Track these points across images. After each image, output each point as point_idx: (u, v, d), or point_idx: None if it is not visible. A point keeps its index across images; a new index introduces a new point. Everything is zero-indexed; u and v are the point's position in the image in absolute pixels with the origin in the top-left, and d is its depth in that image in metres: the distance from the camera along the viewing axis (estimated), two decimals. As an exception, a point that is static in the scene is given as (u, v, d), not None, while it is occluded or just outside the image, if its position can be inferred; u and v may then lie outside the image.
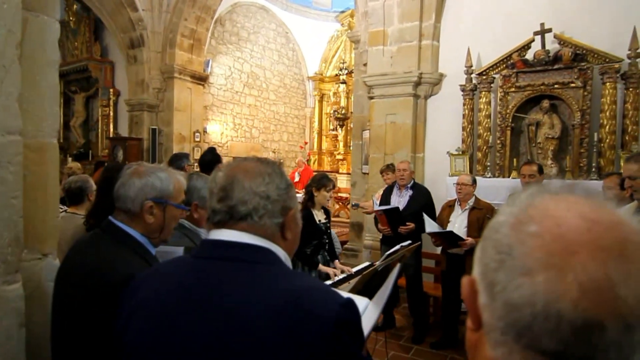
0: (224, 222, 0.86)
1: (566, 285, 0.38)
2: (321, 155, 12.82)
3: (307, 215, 3.37)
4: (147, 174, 1.33)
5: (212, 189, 0.88)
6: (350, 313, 0.77)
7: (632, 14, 4.14)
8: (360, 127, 6.18)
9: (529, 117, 4.58)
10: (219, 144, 10.03)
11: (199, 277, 0.83)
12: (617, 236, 0.40)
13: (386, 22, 5.30)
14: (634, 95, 4.05)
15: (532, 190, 0.46)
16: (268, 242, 0.85)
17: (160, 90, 8.39)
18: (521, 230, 0.42)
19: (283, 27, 12.06)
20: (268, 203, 0.85)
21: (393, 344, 3.75)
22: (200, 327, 0.77)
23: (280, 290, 0.77)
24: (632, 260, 0.39)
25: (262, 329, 0.73)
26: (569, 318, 0.37)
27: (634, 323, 0.38)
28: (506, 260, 0.42)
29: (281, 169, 0.92)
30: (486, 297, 0.44)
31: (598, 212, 0.41)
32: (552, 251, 0.39)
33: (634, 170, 2.29)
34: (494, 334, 0.43)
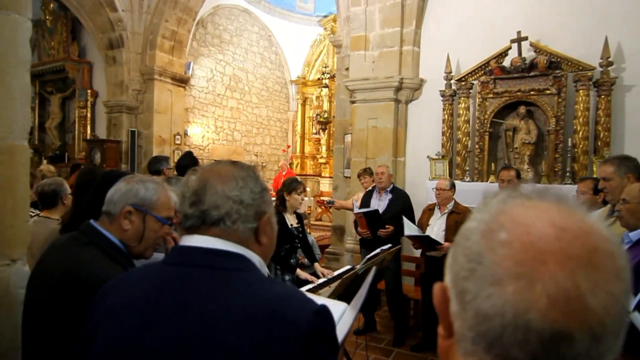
0: (195, 228, 0.84)
1: (535, 296, 0.37)
2: (304, 158, 12.82)
3: (278, 219, 3.37)
4: (136, 182, 1.32)
5: (184, 193, 0.86)
6: (324, 321, 0.76)
7: (604, 24, 4.29)
8: (342, 131, 6.21)
9: (506, 122, 4.68)
10: (200, 146, 9.92)
11: (168, 285, 0.81)
12: (587, 244, 0.39)
13: (368, 28, 5.35)
14: (606, 103, 4.18)
15: (502, 196, 0.45)
16: (241, 247, 0.84)
17: (140, 91, 8.26)
18: (491, 238, 0.41)
19: (266, 30, 12.04)
20: (242, 207, 0.84)
21: (374, 348, 3.76)
22: (169, 337, 0.75)
23: (252, 297, 0.76)
24: (601, 270, 0.38)
25: (233, 337, 0.72)
26: (538, 329, 0.37)
27: (602, 333, 0.37)
28: (477, 268, 0.41)
29: (256, 172, 0.91)
30: (457, 305, 0.43)
31: (568, 220, 0.41)
32: (522, 260, 0.39)
33: (609, 172, 2.37)
34: (465, 343, 0.42)
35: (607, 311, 0.37)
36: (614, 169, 2.35)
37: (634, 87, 4.29)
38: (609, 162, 2.44)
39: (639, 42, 4.22)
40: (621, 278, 0.39)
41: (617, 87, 4.23)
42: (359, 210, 4.04)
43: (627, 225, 1.99)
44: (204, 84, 10.19)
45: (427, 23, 5.26)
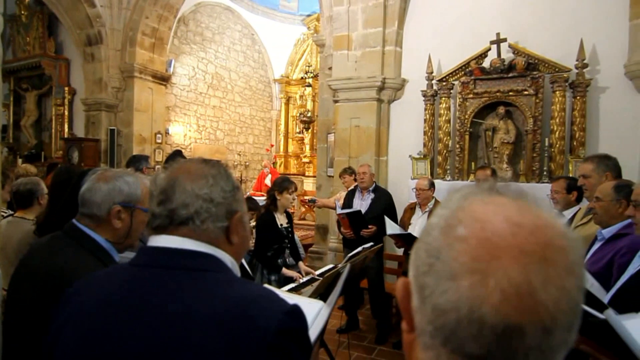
0: (163, 227, 0.82)
1: (489, 291, 0.38)
2: (287, 158, 12.78)
3: (269, 219, 3.36)
4: (114, 179, 1.30)
5: (152, 192, 0.84)
6: (295, 321, 0.75)
7: (580, 27, 4.40)
8: (325, 130, 6.22)
9: (485, 122, 4.76)
10: (182, 145, 9.78)
11: (135, 286, 0.79)
12: (541, 240, 0.40)
13: (351, 27, 5.37)
14: (581, 104, 4.30)
15: (463, 192, 0.46)
16: (211, 247, 0.82)
17: (119, 89, 8.09)
18: (449, 233, 0.42)
19: (249, 28, 11.95)
20: (212, 206, 0.82)
21: (356, 346, 3.78)
22: (134, 339, 0.74)
23: (221, 298, 0.75)
24: (553, 265, 0.39)
25: (201, 338, 0.71)
26: (491, 323, 0.38)
27: (552, 327, 0.38)
28: (435, 264, 0.42)
29: (227, 170, 0.89)
30: (417, 300, 0.44)
31: (524, 216, 0.41)
32: (477, 256, 0.39)
33: (588, 170, 2.43)
34: (424, 337, 0.43)
35: (558, 305, 0.38)
36: (594, 167, 2.41)
37: (608, 88, 4.43)
38: (589, 160, 2.51)
39: (613, 45, 4.35)
40: (573, 273, 0.40)
41: (592, 88, 4.36)
42: (341, 211, 4.05)
43: (600, 223, 2.06)
44: (185, 82, 10.06)
45: (409, 24, 5.32)
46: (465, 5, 5.02)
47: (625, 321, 0.89)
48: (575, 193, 2.92)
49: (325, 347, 2.94)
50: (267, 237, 3.32)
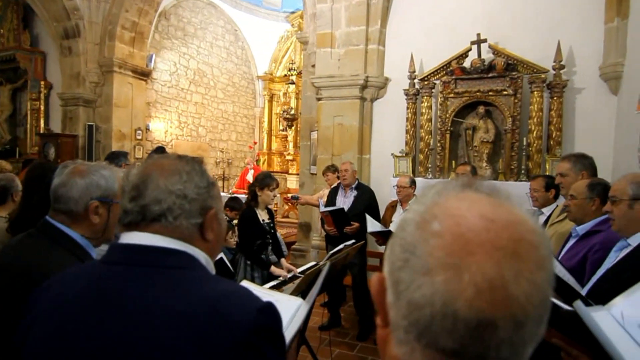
0: (135, 224, 0.80)
1: (462, 285, 0.39)
2: (271, 155, 12.72)
3: (251, 215, 3.35)
4: (91, 173, 1.27)
5: (124, 188, 0.83)
6: (269, 318, 0.75)
7: (557, 29, 4.51)
8: (308, 128, 6.22)
9: (466, 121, 4.84)
10: (163, 142, 9.63)
11: (104, 284, 0.78)
12: (513, 235, 0.40)
13: (334, 25, 5.37)
14: (558, 104, 4.41)
15: (438, 188, 0.47)
16: (185, 244, 0.81)
17: (98, 84, 7.91)
18: (425, 229, 0.43)
19: (232, 24, 11.82)
20: (185, 202, 0.81)
21: (338, 342, 3.80)
22: (102, 339, 0.73)
23: (193, 296, 0.74)
24: (525, 260, 0.40)
25: (172, 337, 0.70)
26: (465, 318, 0.38)
27: (523, 320, 0.39)
28: (410, 259, 0.42)
29: (202, 166, 0.87)
30: (392, 295, 0.44)
31: (497, 211, 0.42)
32: (452, 251, 0.40)
33: (565, 168, 2.50)
34: (399, 333, 0.43)
35: (529, 299, 0.39)
36: (570, 165, 2.48)
37: (584, 89, 4.55)
38: (566, 159, 2.58)
39: (588, 47, 4.47)
40: (544, 267, 0.41)
41: (569, 89, 4.48)
42: (325, 208, 4.06)
43: (574, 220, 2.12)
44: (167, 77, 9.89)
45: (392, 22, 5.35)
46: (447, 6, 5.08)
47: (593, 313, 0.92)
48: (553, 191, 3.00)
49: (307, 344, 2.94)
50: (250, 233, 3.31)
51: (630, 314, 0.95)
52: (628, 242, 1.59)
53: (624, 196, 1.58)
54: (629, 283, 1.01)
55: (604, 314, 0.97)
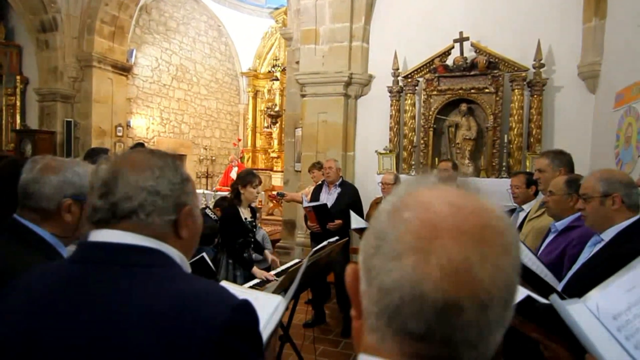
0: (105, 221, 0.77)
1: (430, 268, 0.40)
2: (255, 152, 12.64)
3: (233, 213, 3.32)
4: (64, 170, 1.22)
5: (92, 184, 0.80)
6: (244, 316, 0.73)
7: (537, 28, 4.59)
8: (293, 125, 6.19)
9: (448, 119, 4.88)
10: (144, 139, 9.46)
11: (71, 284, 0.75)
12: (479, 221, 0.42)
13: (318, 22, 5.35)
14: (538, 102, 4.49)
15: (411, 180, 0.48)
16: (157, 242, 0.78)
17: (76, 79, 7.71)
18: (396, 216, 0.44)
19: (215, 19, 11.67)
20: (158, 199, 0.78)
21: (322, 339, 3.80)
22: (68, 339, 0.70)
23: (166, 294, 0.72)
24: (491, 244, 0.41)
25: (142, 337, 0.68)
26: (431, 299, 0.39)
27: (489, 303, 0.40)
28: (381, 245, 0.43)
29: (176, 161, 0.85)
30: (365, 283, 0.45)
31: (464, 200, 0.44)
32: (420, 235, 0.41)
33: (544, 164, 2.55)
34: (370, 320, 0.44)
35: (494, 282, 0.40)
36: (549, 161, 2.53)
37: (563, 87, 4.64)
38: (544, 155, 2.63)
39: (567, 47, 4.56)
40: (509, 252, 0.42)
41: (548, 87, 4.56)
42: (308, 204, 4.05)
43: (553, 216, 2.15)
44: (148, 73, 9.71)
45: (376, 20, 5.36)
46: (430, 3, 5.10)
47: (569, 305, 0.93)
48: (534, 187, 3.05)
49: (291, 341, 2.94)
50: (232, 231, 3.28)
51: (605, 306, 0.97)
52: (601, 238, 1.62)
53: (595, 193, 1.61)
54: (602, 277, 1.03)
55: (580, 306, 0.99)
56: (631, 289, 0.97)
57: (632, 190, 1.57)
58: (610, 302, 0.97)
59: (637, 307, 0.94)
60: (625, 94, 3.56)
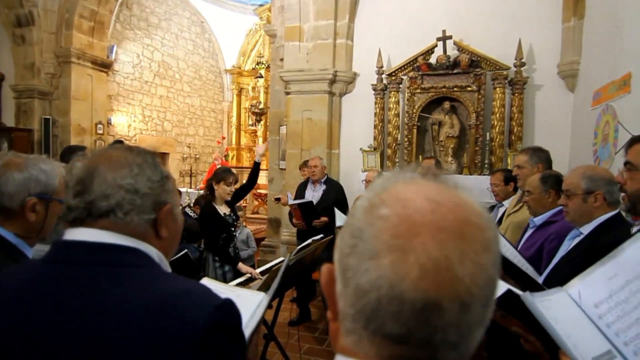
0: (81, 220, 0.75)
1: (408, 267, 0.38)
2: (240, 150, 12.53)
3: (210, 210, 3.29)
4: (29, 167, 1.17)
5: (67, 182, 0.77)
6: (226, 316, 0.71)
7: (518, 27, 4.66)
8: (277, 123, 6.16)
9: (432, 117, 4.92)
10: (126, 137, 9.29)
11: (45, 285, 0.72)
12: (458, 217, 0.40)
13: (302, 19, 5.32)
14: (519, 100, 4.56)
15: (388, 175, 0.47)
16: (136, 241, 0.76)
17: (54, 75, 7.52)
18: (372, 213, 0.42)
19: (198, 16, 11.52)
20: (136, 197, 0.76)
21: (307, 337, 3.80)
22: (44, 343, 0.68)
23: (146, 294, 0.70)
24: (470, 241, 0.40)
25: (121, 339, 0.66)
26: (411, 300, 0.38)
27: (469, 302, 0.39)
28: (358, 244, 0.41)
29: (155, 159, 0.82)
30: (341, 283, 0.43)
31: (443, 195, 0.42)
32: (397, 233, 0.40)
33: (522, 160, 2.60)
34: (347, 322, 0.42)
35: (474, 280, 0.39)
36: (527, 158, 2.58)
37: (543, 86, 4.73)
38: (523, 152, 2.69)
39: (547, 46, 4.64)
40: (489, 249, 0.41)
41: (529, 86, 4.64)
42: (293, 201, 4.04)
43: (535, 214, 2.20)
44: (129, 69, 9.53)
45: (360, 17, 5.36)
46: (414, 2, 5.13)
47: (540, 302, 0.95)
48: (512, 184, 3.11)
49: (276, 340, 2.93)
50: (212, 227, 3.25)
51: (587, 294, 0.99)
52: (580, 231, 1.66)
53: (578, 190, 1.64)
54: (580, 269, 1.05)
55: (562, 294, 1.01)
56: (612, 277, 0.98)
57: (613, 188, 1.60)
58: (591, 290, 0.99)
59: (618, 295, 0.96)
60: (602, 93, 3.64)
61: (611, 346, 0.90)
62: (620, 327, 0.91)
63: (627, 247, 0.99)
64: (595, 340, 0.91)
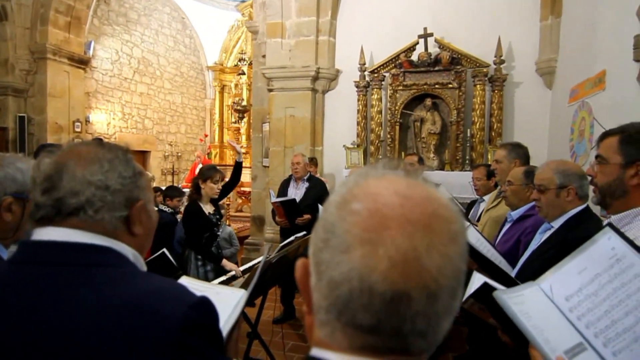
0: (49, 219, 0.73)
1: (378, 259, 0.39)
2: (223, 148, 12.40)
3: (195, 208, 3.25)
4: (5, 165, 1.14)
5: (34, 179, 0.74)
6: (201, 314, 0.70)
7: (498, 25, 4.73)
8: (260, 120, 6.11)
9: (414, 113, 4.96)
10: (105, 135, 9.10)
11: (12, 287, 0.69)
12: (426, 211, 0.42)
13: (284, 15, 5.29)
14: (498, 97, 4.64)
15: (360, 171, 0.48)
16: (108, 239, 0.74)
17: (29, 72, 7.31)
18: (344, 208, 0.43)
19: (179, 11, 11.33)
20: (107, 194, 0.74)
21: (292, 334, 3.80)
22: (9, 349, 0.65)
23: (120, 294, 0.68)
24: (438, 233, 0.41)
25: (96, 340, 0.64)
26: (380, 291, 0.39)
27: (437, 292, 0.40)
28: (330, 238, 0.42)
29: (127, 155, 0.81)
30: (315, 277, 0.44)
31: (412, 189, 0.43)
32: (368, 226, 0.41)
33: (501, 155, 2.65)
34: (320, 314, 0.44)
35: (441, 271, 0.40)
36: (506, 153, 2.63)
37: (522, 83, 4.82)
38: (502, 147, 2.75)
39: (526, 44, 4.73)
40: (456, 241, 0.43)
41: (508, 83, 4.72)
42: (276, 199, 4.02)
43: (510, 205, 2.23)
44: (108, 66, 9.32)
45: (342, 14, 5.36)
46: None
47: (512, 298, 0.97)
48: (494, 179, 3.16)
49: (259, 338, 2.91)
50: (196, 226, 3.21)
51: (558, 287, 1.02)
52: (551, 225, 1.69)
53: (551, 185, 1.67)
54: (551, 263, 1.08)
55: (535, 289, 1.03)
56: (582, 270, 1.01)
57: (584, 182, 1.64)
58: (563, 284, 1.01)
59: (588, 288, 0.98)
60: (579, 90, 3.73)
61: (582, 338, 0.92)
62: (590, 320, 0.94)
63: (597, 240, 1.02)
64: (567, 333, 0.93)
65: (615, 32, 3.02)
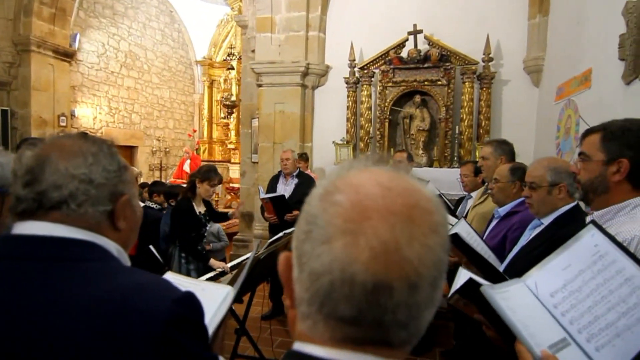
0: (30, 212, 0.71)
1: (359, 250, 0.39)
2: (212, 144, 12.29)
3: (187, 206, 3.22)
4: None
5: (16, 172, 0.73)
6: (186, 309, 0.69)
7: (486, 23, 4.75)
8: (249, 115, 6.07)
9: (403, 110, 4.98)
10: (91, 129, 8.94)
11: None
12: (408, 201, 0.42)
13: (274, 10, 5.25)
14: (487, 94, 4.67)
15: (344, 164, 0.48)
16: (92, 234, 0.73)
17: (12, 65, 7.13)
18: (326, 199, 0.43)
19: (167, 4, 11.17)
20: (91, 188, 0.72)
21: (280, 331, 3.80)
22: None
23: (103, 289, 0.67)
24: (419, 224, 0.41)
25: (79, 336, 0.63)
26: (361, 281, 0.39)
27: (417, 282, 0.40)
28: (312, 230, 0.42)
29: (112, 148, 0.79)
30: (297, 270, 0.44)
31: (394, 181, 0.44)
32: (349, 217, 0.41)
33: (487, 152, 2.67)
34: (302, 307, 0.43)
35: (422, 261, 0.40)
36: (492, 150, 2.65)
37: (510, 81, 4.86)
38: (488, 144, 2.78)
39: (514, 42, 4.77)
40: (437, 232, 0.43)
41: (496, 81, 4.76)
42: (265, 195, 4.00)
43: (497, 202, 2.26)
44: (94, 59, 9.15)
45: (332, 9, 5.34)
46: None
47: (499, 294, 0.98)
48: (481, 175, 3.18)
49: (247, 334, 2.91)
50: (185, 223, 3.18)
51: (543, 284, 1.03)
52: (541, 222, 1.71)
53: (543, 182, 1.68)
54: (540, 259, 1.09)
55: (521, 285, 1.04)
56: (567, 267, 1.02)
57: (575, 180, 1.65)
58: (547, 280, 1.03)
59: (572, 285, 0.99)
60: (565, 88, 3.78)
61: (566, 334, 0.93)
62: (574, 315, 0.95)
63: (581, 237, 1.03)
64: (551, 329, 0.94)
65: (601, 31, 3.06)
